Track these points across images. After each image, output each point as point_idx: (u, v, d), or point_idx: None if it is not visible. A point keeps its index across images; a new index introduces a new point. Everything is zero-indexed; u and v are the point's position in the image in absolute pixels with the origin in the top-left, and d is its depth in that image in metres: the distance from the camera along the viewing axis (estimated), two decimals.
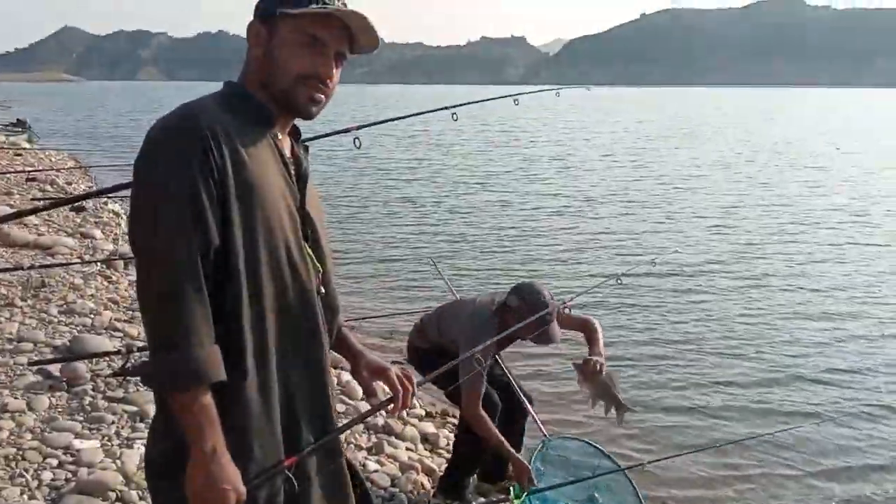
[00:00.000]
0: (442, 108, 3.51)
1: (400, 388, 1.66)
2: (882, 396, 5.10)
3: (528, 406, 3.58)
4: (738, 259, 9.07)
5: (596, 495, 3.10)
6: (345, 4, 1.45)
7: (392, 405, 1.67)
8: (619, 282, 3.87)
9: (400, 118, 3.67)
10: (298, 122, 1.55)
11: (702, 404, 5.03)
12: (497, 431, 3.18)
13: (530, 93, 3.96)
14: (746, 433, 4.39)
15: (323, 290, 1.56)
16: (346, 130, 3.05)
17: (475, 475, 3.69)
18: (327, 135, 3.19)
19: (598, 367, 3.15)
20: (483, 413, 3.15)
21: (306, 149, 1.58)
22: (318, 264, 1.53)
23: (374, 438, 4.05)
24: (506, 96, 3.67)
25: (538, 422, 3.60)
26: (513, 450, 3.21)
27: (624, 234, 10.64)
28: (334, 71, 1.47)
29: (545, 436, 3.48)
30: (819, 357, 5.83)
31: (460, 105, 3.45)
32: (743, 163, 19.98)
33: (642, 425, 4.70)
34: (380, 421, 4.20)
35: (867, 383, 5.33)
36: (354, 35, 1.47)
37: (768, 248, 9.70)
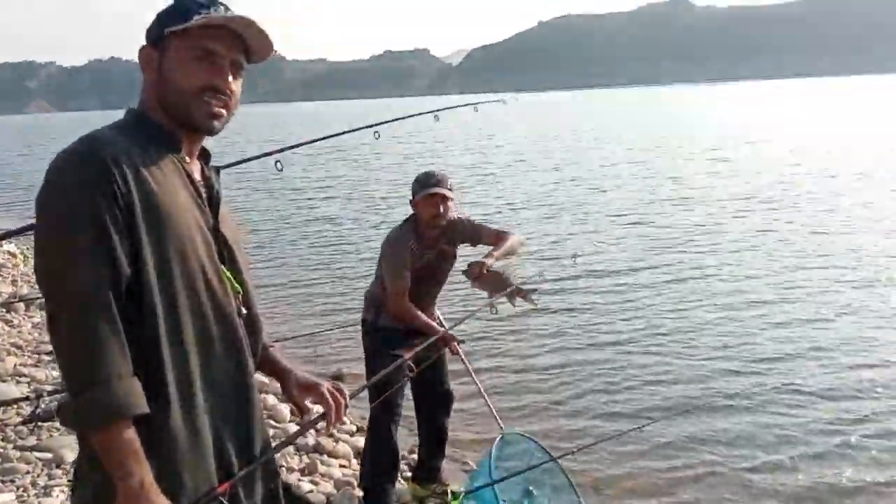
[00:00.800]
0: (365, 127, 3.53)
1: (332, 402, 1.63)
2: (805, 381, 5.19)
3: (484, 395, 3.71)
4: (656, 253, 9.36)
5: (531, 489, 3.16)
6: (227, 9, 1.43)
7: (325, 421, 1.66)
8: (542, 278, 3.99)
9: (322, 139, 3.61)
10: (213, 147, 1.54)
11: (629, 388, 5.24)
12: (422, 316, 3.27)
13: (449, 108, 4.04)
14: (663, 416, 4.58)
15: (244, 311, 1.54)
16: (268, 154, 3.02)
17: (403, 481, 3.68)
18: (250, 159, 3.13)
19: (483, 269, 3.29)
20: (408, 303, 3.24)
21: (217, 171, 1.57)
22: (236, 285, 1.52)
23: (305, 459, 4.00)
24: (426, 112, 3.75)
25: (494, 412, 3.69)
26: (434, 327, 3.31)
27: (545, 236, 10.85)
28: (231, 81, 1.46)
29: (501, 428, 3.57)
30: (738, 345, 5.97)
31: (382, 123, 3.48)
32: (647, 160, 20.74)
33: (573, 416, 4.86)
34: (310, 441, 4.15)
35: (787, 368, 5.45)
36: (247, 42, 1.47)
37: (683, 240, 10.02)
